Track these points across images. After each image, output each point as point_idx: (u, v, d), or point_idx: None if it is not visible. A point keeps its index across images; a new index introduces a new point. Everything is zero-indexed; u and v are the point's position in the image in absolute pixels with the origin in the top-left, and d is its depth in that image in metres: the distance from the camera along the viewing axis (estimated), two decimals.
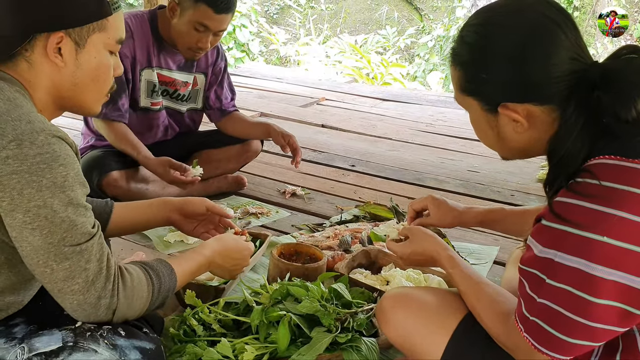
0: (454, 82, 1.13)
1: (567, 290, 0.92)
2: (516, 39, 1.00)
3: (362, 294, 1.62)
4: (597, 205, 0.90)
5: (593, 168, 0.94)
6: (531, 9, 1.02)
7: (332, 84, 5.76)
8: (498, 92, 1.04)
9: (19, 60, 1.14)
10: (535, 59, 0.99)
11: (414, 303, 1.22)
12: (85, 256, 1.10)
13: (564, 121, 0.99)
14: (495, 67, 1.03)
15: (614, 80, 0.95)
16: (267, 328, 1.46)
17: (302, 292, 1.51)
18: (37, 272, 1.09)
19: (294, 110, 4.48)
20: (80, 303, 1.11)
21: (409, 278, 1.78)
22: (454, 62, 1.11)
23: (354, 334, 1.46)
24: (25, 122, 1.06)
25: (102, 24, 1.17)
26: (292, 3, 10.81)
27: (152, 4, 3.88)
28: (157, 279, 1.24)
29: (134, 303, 1.19)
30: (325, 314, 1.45)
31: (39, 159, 1.03)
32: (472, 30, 1.07)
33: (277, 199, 2.67)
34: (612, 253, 0.89)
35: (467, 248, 2.19)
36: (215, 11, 2.20)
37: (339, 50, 8.14)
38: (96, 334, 1.17)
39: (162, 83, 2.45)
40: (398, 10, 11.35)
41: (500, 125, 1.07)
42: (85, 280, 1.10)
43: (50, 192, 1.05)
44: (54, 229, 1.06)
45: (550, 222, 0.95)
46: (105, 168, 2.27)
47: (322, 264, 1.80)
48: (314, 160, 3.26)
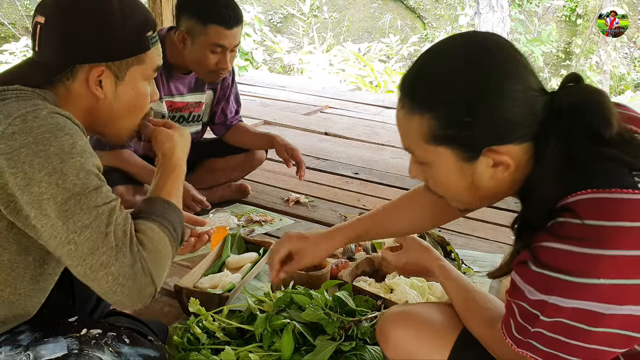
0: (416, 133, 0.98)
1: (564, 323, 0.90)
2: (496, 76, 0.93)
3: (366, 302, 1.62)
4: (586, 248, 0.87)
5: (573, 206, 0.90)
6: (498, 44, 0.96)
7: (336, 91, 5.78)
8: (484, 136, 0.94)
9: (58, 86, 1.17)
10: (517, 96, 0.93)
11: (412, 322, 1.21)
12: (104, 219, 1.06)
13: (544, 157, 0.94)
14: (480, 107, 0.93)
15: (584, 103, 0.93)
16: (271, 336, 1.47)
17: (306, 300, 1.52)
18: (64, 253, 1.05)
19: (298, 118, 4.49)
20: (115, 277, 1.06)
21: (413, 286, 1.78)
22: (417, 109, 0.97)
23: (358, 342, 1.46)
24: (31, 105, 1.08)
25: (140, 58, 1.21)
26: (295, 12, 10.86)
27: (157, 13, 3.90)
28: (169, 223, 1.19)
29: (162, 259, 1.14)
30: (329, 322, 1.45)
31: (43, 129, 1.04)
32: (435, 72, 0.97)
33: (280, 207, 2.68)
34: (609, 291, 0.87)
35: (471, 256, 2.19)
36: (227, 27, 2.17)
37: (342, 58, 8.16)
38: (101, 341, 1.17)
39: (175, 110, 2.44)
40: (401, 19, 11.40)
41: (477, 173, 0.98)
42: (110, 248, 1.05)
43: (59, 158, 1.04)
44: (67, 195, 1.04)
45: (539, 269, 0.91)
46: (111, 182, 2.25)
47: (326, 272, 1.80)
48: (317, 168, 3.27)
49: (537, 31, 9.54)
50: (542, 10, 10.03)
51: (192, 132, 2.58)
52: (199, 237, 1.53)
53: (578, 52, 9.60)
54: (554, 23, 10.09)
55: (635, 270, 0.86)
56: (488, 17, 7.88)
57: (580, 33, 10.05)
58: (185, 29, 2.21)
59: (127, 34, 1.19)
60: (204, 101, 2.54)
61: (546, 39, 8.87)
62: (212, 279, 1.81)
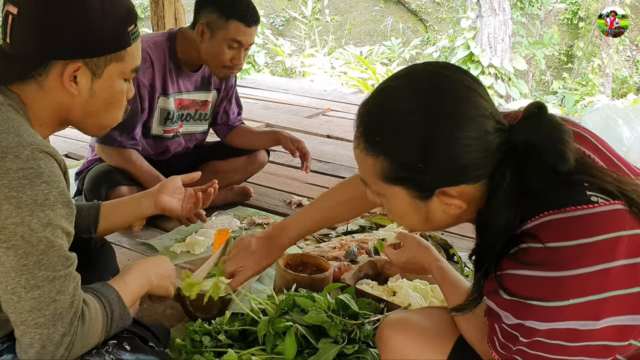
0: (373, 172, 1.00)
1: (543, 341, 0.92)
2: (449, 123, 0.92)
3: (369, 304, 1.61)
4: (550, 272, 0.88)
5: (533, 231, 0.91)
6: (453, 85, 0.95)
7: (338, 94, 5.78)
8: (436, 179, 0.96)
9: (29, 82, 1.11)
10: (469, 142, 0.92)
11: (411, 329, 1.21)
12: (57, 286, 1.04)
13: (495, 193, 0.95)
14: (432, 154, 0.93)
15: (540, 140, 0.92)
16: (274, 339, 1.46)
17: (308, 303, 1.51)
18: (4, 299, 1.03)
19: (300, 121, 4.49)
20: (42, 339, 1.04)
21: (416, 289, 1.77)
22: (372, 150, 0.98)
23: (361, 345, 1.46)
24: (14, 136, 1.02)
25: (120, 55, 1.16)
26: (297, 15, 10.87)
27: (159, 16, 3.91)
28: (110, 309, 1.17)
29: (89, 340, 1.12)
30: (332, 325, 1.45)
31: (21, 173, 0.99)
32: (389, 115, 0.96)
33: (283, 210, 2.67)
34: (581, 309, 0.88)
35: None
36: (247, 25, 2.25)
37: (344, 61, 8.17)
38: (102, 349, 1.16)
39: (182, 108, 2.47)
40: (403, 22, 11.40)
41: (431, 210, 1.00)
42: (52, 314, 1.04)
43: (29, 209, 0.99)
44: (30, 249, 1.01)
45: (510, 297, 0.93)
46: (114, 182, 2.26)
47: (329, 275, 1.80)
48: (319, 171, 3.26)
49: (539, 34, 9.53)
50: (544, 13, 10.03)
51: (198, 132, 2.60)
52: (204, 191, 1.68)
53: (580, 55, 9.59)
54: (556, 26, 10.08)
55: (602, 284, 0.87)
56: (490, 20, 7.87)
57: (582, 36, 10.05)
58: (206, 22, 2.25)
59: (106, 30, 1.12)
60: (210, 100, 2.56)
61: (548, 42, 8.86)
62: None
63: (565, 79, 9.43)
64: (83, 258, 1.15)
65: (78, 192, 2.45)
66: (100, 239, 1.62)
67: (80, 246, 1.23)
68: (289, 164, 3.36)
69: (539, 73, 9.84)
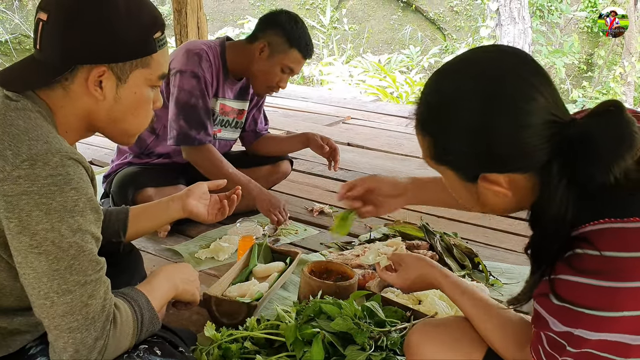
0: (423, 149, 1.04)
1: (592, 354, 0.90)
2: (479, 108, 0.93)
3: (395, 312, 1.61)
4: (605, 281, 0.86)
5: (591, 236, 0.89)
6: (505, 73, 0.94)
7: (357, 102, 5.78)
8: (473, 164, 0.97)
9: (56, 88, 1.13)
10: (505, 128, 0.92)
11: (440, 336, 1.21)
12: (89, 290, 1.06)
13: (546, 187, 0.93)
14: (464, 138, 0.95)
15: (590, 142, 0.89)
16: (302, 346, 1.46)
17: (335, 310, 1.51)
18: (37, 304, 1.05)
19: (320, 129, 4.50)
20: (76, 343, 1.05)
21: (442, 297, 1.76)
22: (419, 129, 1.02)
23: (388, 353, 1.45)
24: (43, 142, 1.04)
25: (145, 61, 1.16)
26: (315, 24, 10.92)
27: (182, 25, 3.96)
28: (140, 313, 1.18)
29: (121, 344, 1.13)
30: (358, 332, 1.44)
31: (50, 180, 1.01)
32: (435, 96, 0.99)
33: (304, 217, 2.68)
34: (634, 323, 0.87)
35: (499, 267, 2.17)
36: (304, 57, 2.41)
37: (362, 69, 8.18)
38: (133, 354, 1.17)
39: (224, 114, 2.54)
40: (421, 30, 11.40)
41: (480, 193, 1.01)
42: (85, 318, 1.05)
43: (59, 215, 1.01)
44: (61, 254, 1.03)
45: (561, 303, 0.91)
46: (141, 184, 2.31)
47: (354, 282, 1.79)
48: (340, 178, 3.26)
49: (559, 42, 9.47)
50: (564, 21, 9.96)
51: (232, 139, 2.68)
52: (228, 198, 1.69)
53: (601, 64, 9.51)
54: (575, 34, 10.01)
55: None
56: (509, 29, 7.84)
57: (603, 44, 9.96)
58: (269, 41, 2.36)
59: (131, 35, 1.13)
60: (246, 109, 2.64)
61: (568, 50, 8.80)
62: (240, 288, 1.81)
63: (585, 87, 9.35)
64: (112, 262, 1.17)
65: (105, 194, 2.50)
66: (128, 244, 1.64)
67: (109, 250, 1.26)
68: (310, 172, 3.37)
69: (558, 81, 9.76)
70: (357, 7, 11.79)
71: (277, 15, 2.45)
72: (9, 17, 9.22)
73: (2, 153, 1.02)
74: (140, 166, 2.46)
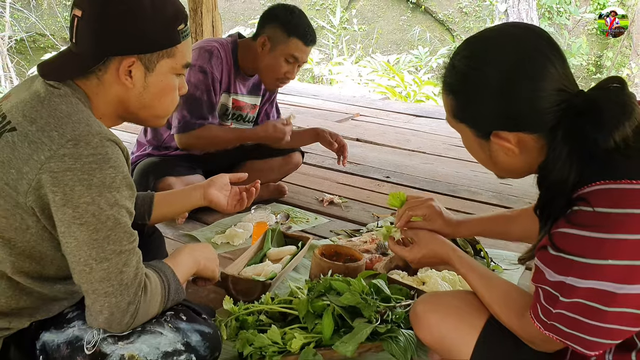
0: (446, 107, 1.18)
1: (581, 303, 1.00)
2: (505, 72, 1.06)
3: (400, 290, 1.71)
4: (595, 233, 0.97)
5: (588, 196, 0.99)
6: (521, 42, 1.07)
7: (367, 100, 5.88)
8: (488, 122, 1.10)
9: (91, 77, 1.25)
10: (524, 92, 1.04)
11: (444, 306, 1.30)
12: (124, 259, 1.17)
13: (552, 149, 1.05)
14: (484, 98, 1.08)
15: (595, 109, 1.02)
16: (313, 319, 1.57)
17: (344, 286, 1.61)
18: (77, 270, 1.16)
19: (330, 125, 4.60)
20: (111, 306, 1.16)
21: (445, 278, 1.87)
22: (445, 89, 1.16)
23: (393, 326, 1.55)
24: (84, 125, 1.16)
25: (171, 51, 1.28)
26: (325, 24, 11.03)
27: (197, 23, 4.08)
28: (167, 283, 1.30)
29: (150, 309, 1.25)
30: (366, 306, 1.54)
31: (91, 159, 1.12)
32: (463, 61, 1.12)
33: (315, 207, 2.79)
34: (618, 271, 0.96)
35: (500, 254, 2.27)
36: (305, 43, 2.44)
37: (371, 69, 8.26)
38: (161, 319, 1.29)
39: (236, 108, 2.65)
40: (430, 31, 11.47)
41: (493, 150, 1.13)
42: (119, 283, 1.16)
43: (98, 190, 1.12)
44: (99, 226, 1.13)
45: (556, 252, 1.02)
46: (162, 173, 2.42)
47: (362, 264, 1.90)
48: (350, 172, 3.38)
49: (567, 44, 9.52)
50: (572, 23, 10.01)
51: None
52: (247, 191, 1.79)
53: (609, 65, 9.54)
54: (584, 36, 10.05)
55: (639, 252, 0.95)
56: None
57: (612, 46, 10.00)
58: (268, 35, 2.44)
59: (157, 28, 1.24)
60: (258, 104, 2.74)
61: (576, 52, 8.86)
62: (254, 269, 1.93)
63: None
64: (138, 243, 1.27)
65: None
66: (152, 226, 1.76)
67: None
68: (321, 165, 3.49)
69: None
70: (366, 8, 11.88)
71: (273, 9, 2.52)
72: (25, 15, 9.38)
73: (49, 134, 1.14)
74: (160, 157, 2.57)
